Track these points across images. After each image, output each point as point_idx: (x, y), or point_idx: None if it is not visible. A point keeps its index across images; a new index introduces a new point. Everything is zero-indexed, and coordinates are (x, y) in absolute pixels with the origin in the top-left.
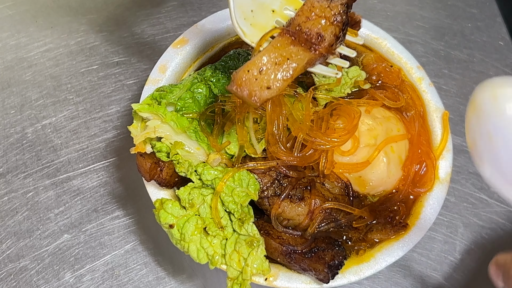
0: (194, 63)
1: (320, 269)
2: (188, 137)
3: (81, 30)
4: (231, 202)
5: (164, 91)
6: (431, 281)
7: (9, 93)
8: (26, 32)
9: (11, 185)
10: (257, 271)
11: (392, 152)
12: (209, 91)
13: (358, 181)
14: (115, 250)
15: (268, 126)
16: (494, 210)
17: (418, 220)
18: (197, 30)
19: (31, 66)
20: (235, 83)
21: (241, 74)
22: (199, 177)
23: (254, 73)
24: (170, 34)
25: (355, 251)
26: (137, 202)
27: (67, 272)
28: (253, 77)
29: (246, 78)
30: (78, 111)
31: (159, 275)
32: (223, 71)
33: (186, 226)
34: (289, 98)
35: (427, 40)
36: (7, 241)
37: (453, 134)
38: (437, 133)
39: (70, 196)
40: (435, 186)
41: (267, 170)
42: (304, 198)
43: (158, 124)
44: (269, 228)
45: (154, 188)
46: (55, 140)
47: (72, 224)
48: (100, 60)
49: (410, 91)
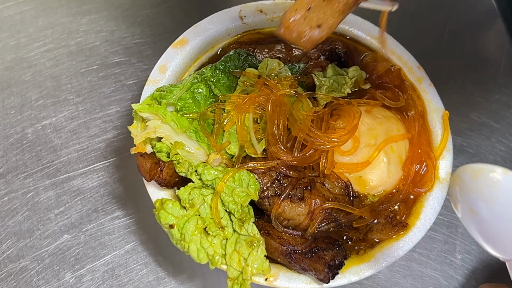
0: (194, 63)
1: (320, 269)
2: (188, 137)
3: (81, 30)
4: (231, 202)
5: (164, 91)
6: (431, 281)
7: (9, 93)
8: (26, 32)
9: (11, 185)
10: (257, 271)
11: (392, 152)
12: (209, 91)
13: (358, 181)
14: (115, 250)
15: (268, 126)
16: None
17: (418, 220)
18: (197, 30)
19: (31, 66)
20: (282, 25)
21: (288, 15)
22: (199, 177)
23: (302, 12)
24: (170, 34)
25: (355, 251)
26: (137, 202)
27: (67, 272)
28: (301, 16)
29: (294, 19)
30: (78, 111)
31: (159, 275)
32: (223, 71)
33: (186, 226)
34: (289, 98)
35: (427, 40)
36: (7, 241)
37: (453, 134)
38: (437, 133)
39: (70, 196)
40: (435, 186)
41: (267, 170)
42: (304, 198)
43: (158, 124)
44: (269, 228)
45: (154, 188)
46: (55, 140)
47: (72, 224)
48: (100, 60)
49: (410, 91)
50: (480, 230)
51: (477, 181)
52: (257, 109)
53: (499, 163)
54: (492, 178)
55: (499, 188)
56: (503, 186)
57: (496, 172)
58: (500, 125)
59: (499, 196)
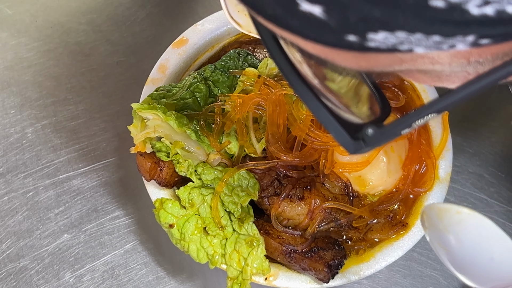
0: (194, 63)
1: (320, 268)
2: (188, 137)
3: (81, 30)
4: (231, 202)
5: (164, 91)
6: (431, 281)
7: (9, 93)
8: (26, 32)
9: (11, 185)
10: (257, 271)
11: (392, 152)
12: (209, 91)
13: (358, 180)
14: (115, 250)
15: (268, 126)
16: (494, 209)
17: (418, 219)
18: (197, 30)
19: (31, 66)
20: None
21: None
22: (199, 177)
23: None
24: (170, 34)
25: (355, 250)
26: (137, 202)
27: (67, 272)
28: None
29: None
30: (78, 111)
31: (159, 275)
32: (223, 71)
33: (186, 225)
34: (288, 98)
35: None
36: (7, 241)
37: (453, 134)
38: (437, 132)
39: (70, 196)
40: (435, 185)
41: (267, 169)
42: (304, 197)
43: (158, 123)
44: (269, 227)
45: (154, 187)
46: (55, 140)
47: (72, 224)
48: (100, 60)
49: (410, 91)
50: (453, 263)
51: (443, 220)
52: (257, 109)
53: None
54: (456, 218)
55: (465, 228)
56: (468, 226)
57: (460, 213)
58: (500, 124)
59: (465, 235)
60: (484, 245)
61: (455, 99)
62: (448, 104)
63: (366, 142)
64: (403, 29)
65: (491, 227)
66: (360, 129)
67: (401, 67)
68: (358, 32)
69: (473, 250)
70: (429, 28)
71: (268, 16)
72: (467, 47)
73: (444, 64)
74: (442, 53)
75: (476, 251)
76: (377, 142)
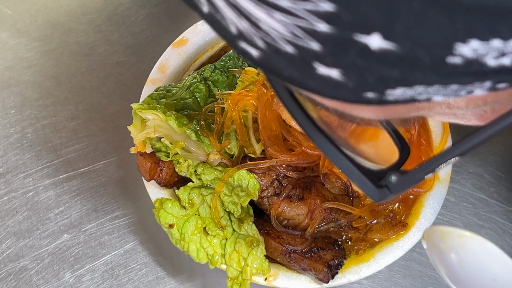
0: (194, 63)
1: (320, 268)
2: (188, 137)
3: (81, 30)
4: (230, 202)
5: (164, 91)
6: (431, 281)
7: (9, 93)
8: (26, 32)
9: (11, 185)
10: (257, 271)
11: None
12: (209, 91)
13: None
14: (115, 250)
15: (261, 131)
16: (494, 209)
17: (418, 220)
18: (197, 30)
19: (31, 66)
20: None
21: None
22: (199, 177)
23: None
24: (170, 34)
25: (355, 250)
26: (137, 202)
27: (67, 272)
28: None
29: None
30: (78, 111)
31: (159, 275)
32: (222, 70)
33: (186, 226)
34: None
35: None
36: (7, 241)
37: (453, 134)
38: (437, 132)
39: (70, 196)
40: (435, 186)
41: (267, 170)
42: (304, 198)
43: (158, 124)
44: (269, 228)
45: (154, 188)
46: (55, 140)
47: (72, 224)
48: (100, 60)
49: None
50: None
51: (445, 242)
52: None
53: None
54: (458, 241)
55: (467, 251)
56: (470, 249)
57: (463, 236)
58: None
59: (467, 257)
60: (487, 267)
61: (478, 141)
62: (471, 146)
63: (390, 190)
64: (421, 84)
65: (494, 250)
66: (383, 176)
67: (419, 113)
68: (377, 90)
69: (475, 272)
70: (447, 80)
71: (284, 78)
72: (485, 92)
73: (461, 107)
74: (459, 98)
75: (478, 273)
76: (402, 188)
